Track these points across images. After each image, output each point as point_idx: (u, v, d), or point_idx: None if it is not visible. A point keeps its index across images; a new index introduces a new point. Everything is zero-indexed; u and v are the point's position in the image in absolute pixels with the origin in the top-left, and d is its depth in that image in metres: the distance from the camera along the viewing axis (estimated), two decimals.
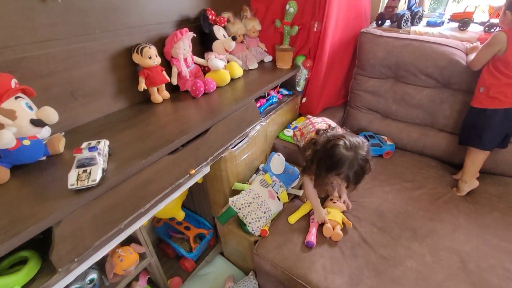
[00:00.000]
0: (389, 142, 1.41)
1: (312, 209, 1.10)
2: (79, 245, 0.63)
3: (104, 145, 0.71)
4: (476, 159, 1.18)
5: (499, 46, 1.02)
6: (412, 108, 1.40)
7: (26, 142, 0.66)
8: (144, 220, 0.79)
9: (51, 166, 0.69)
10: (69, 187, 0.60)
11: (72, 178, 0.61)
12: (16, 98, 0.64)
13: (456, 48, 1.24)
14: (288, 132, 1.44)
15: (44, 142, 0.72)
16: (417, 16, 1.52)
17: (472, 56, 1.17)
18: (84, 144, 0.70)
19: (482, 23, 1.35)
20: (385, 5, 1.57)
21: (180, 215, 1.14)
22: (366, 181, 1.26)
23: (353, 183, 0.85)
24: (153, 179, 0.78)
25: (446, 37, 1.37)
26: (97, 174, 0.62)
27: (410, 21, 1.51)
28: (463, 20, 1.37)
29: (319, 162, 0.87)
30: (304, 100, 1.57)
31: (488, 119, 1.11)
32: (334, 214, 1.04)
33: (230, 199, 1.05)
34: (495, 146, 1.16)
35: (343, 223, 1.04)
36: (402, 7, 1.50)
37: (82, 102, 0.87)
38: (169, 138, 0.81)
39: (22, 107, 0.64)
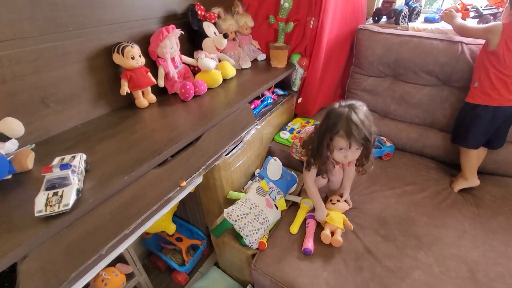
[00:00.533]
0: (388, 143, 1.37)
1: (308, 212, 1.05)
2: (51, 280, 0.54)
3: (80, 160, 0.62)
4: (469, 156, 1.16)
5: (491, 35, 1.03)
6: (411, 107, 1.36)
7: None
8: (129, 242, 0.71)
9: (17, 186, 0.60)
10: (36, 214, 0.51)
11: (40, 204, 0.52)
12: None
13: (457, 42, 1.20)
14: (284, 135, 1.37)
15: (9, 158, 0.62)
16: (414, 12, 1.46)
17: (459, 21, 1.15)
18: (56, 161, 0.61)
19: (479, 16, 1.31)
20: (381, 0, 1.52)
21: (171, 228, 1.06)
22: (367, 185, 1.24)
23: (360, 149, 0.83)
24: (139, 196, 0.69)
25: (444, 32, 1.32)
26: (70, 197, 0.53)
27: (408, 17, 1.45)
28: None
29: (318, 135, 0.86)
30: (300, 100, 1.50)
31: (477, 117, 1.09)
32: (333, 217, 0.98)
33: (225, 210, 0.98)
34: (480, 145, 1.14)
35: (345, 225, 0.98)
36: (399, 3, 1.44)
37: (55, 109, 0.77)
38: (156, 149, 0.73)
39: None
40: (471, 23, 1.19)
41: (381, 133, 1.44)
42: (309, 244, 0.92)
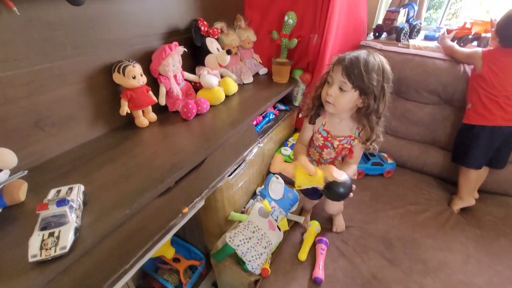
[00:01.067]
0: (389, 160, 1.36)
1: (317, 236, 1.02)
2: None
3: (78, 193, 0.58)
4: (468, 177, 1.17)
5: (473, 60, 1.12)
6: (413, 125, 1.35)
7: None
8: (129, 276, 0.66)
9: (8, 223, 0.55)
10: (30, 259, 0.46)
11: (34, 247, 0.47)
12: None
13: (459, 63, 1.21)
14: (286, 151, 1.35)
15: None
16: (415, 29, 1.47)
17: (448, 43, 1.25)
18: (51, 194, 0.56)
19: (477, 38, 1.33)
20: (382, 17, 1.53)
21: (170, 252, 1.02)
22: (370, 204, 1.22)
23: (352, 92, 0.70)
24: (140, 228, 0.65)
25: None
26: (68, 238, 0.49)
27: (408, 34, 1.46)
28: (463, 38, 1.33)
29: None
30: (301, 115, 1.49)
31: (475, 137, 1.11)
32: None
33: (227, 235, 0.94)
34: (482, 165, 1.15)
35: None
36: (400, 20, 1.45)
37: (50, 133, 0.72)
38: (159, 176, 0.69)
39: None
40: (458, 46, 1.23)
41: (381, 149, 1.43)
42: (319, 272, 0.89)
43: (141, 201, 0.62)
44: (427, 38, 1.48)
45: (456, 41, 1.31)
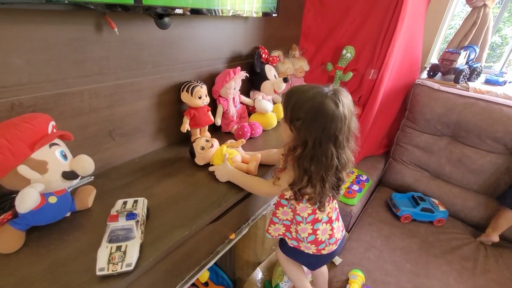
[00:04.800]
0: (441, 208, 1.25)
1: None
2: None
3: (142, 207, 0.58)
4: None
5: None
6: (470, 172, 1.25)
7: (52, 199, 0.53)
8: None
9: (75, 228, 0.56)
10: (98, 272, 0.46)
11: (102, 260, 0.47)
12: (51, 145, 0.52)
13: None
14: None
15: (69, 190, 0.60)
16: (475, 72, 1.41)
17: None
18: (118, 205, 0.57)
19: None
20: (435, 55, 1.48)
21: (205, 276, 0.98)
22: (419, 253, 1.11)
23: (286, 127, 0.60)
24: (192, 251, 0.63)
25: None
26: (133, 255, 0.49)
27: (467, 76, 1.39)
28: None
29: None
30: None
31: None
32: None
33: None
34: None
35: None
36: (460, 62, 1.40)
37: (119, 142, 0.75)
38: (216, 199, 0.68)
39: (56, 158, 0.52)
40: None
41: (431, 194, 1.33)
42: None
43: (199, 223, 0.61)
44: (488, 82, 1.40)
45: None
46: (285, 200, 0.72)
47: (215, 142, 0.80)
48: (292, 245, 0.77)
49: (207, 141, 0.79)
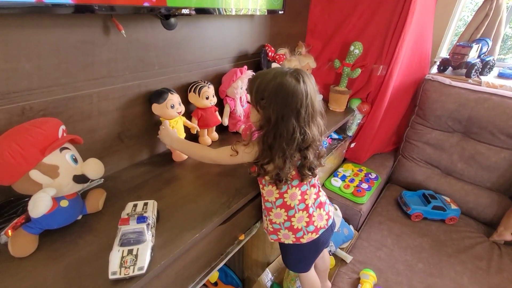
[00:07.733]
0: (453, 206, 1.22)
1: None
2: None
3: (152, 209, 0.58)
4: None
5: None
6: (483, 169, 1.22)
7: (64, 203, 0.53)
8: None
9: (87, 231, 0.56)
10: (110, 276, 0.46)
11: (115, 263, 0.47)
12: (61, 149, 0.52)
13: None
14: (336, 182, 1.28)
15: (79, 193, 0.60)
16: (487, 66, 1.36)
17: None
18: (129, 208, 0.57)
19: None
20: (445, 49, 1.44)
21: (214, 276, 0.98)
22: (431, 252, 1.09)
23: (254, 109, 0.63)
24: (202, 254, 0.63)
25: None
26: (145, 258, 0.48)
27: (480, 70, 1.35)
28: None
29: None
30: (352, 145, 1.43)
31: None
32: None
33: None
34: None
35: None
36: (472, 56, 1.36)
37: (127, 144, 0.76)
38: (225, 201, 0.67)
39: (67, 162, 0.52)
40: None
41: (442, 192, 1.30)
42: None
43: (210, 225, 0.61)
44: (502, 76, 1.36)
45: None
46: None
47: (165, 122, 0.74)
48: (272, 240, 0.75)
49: None
